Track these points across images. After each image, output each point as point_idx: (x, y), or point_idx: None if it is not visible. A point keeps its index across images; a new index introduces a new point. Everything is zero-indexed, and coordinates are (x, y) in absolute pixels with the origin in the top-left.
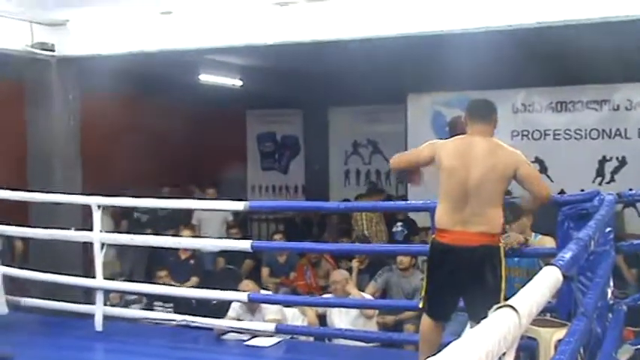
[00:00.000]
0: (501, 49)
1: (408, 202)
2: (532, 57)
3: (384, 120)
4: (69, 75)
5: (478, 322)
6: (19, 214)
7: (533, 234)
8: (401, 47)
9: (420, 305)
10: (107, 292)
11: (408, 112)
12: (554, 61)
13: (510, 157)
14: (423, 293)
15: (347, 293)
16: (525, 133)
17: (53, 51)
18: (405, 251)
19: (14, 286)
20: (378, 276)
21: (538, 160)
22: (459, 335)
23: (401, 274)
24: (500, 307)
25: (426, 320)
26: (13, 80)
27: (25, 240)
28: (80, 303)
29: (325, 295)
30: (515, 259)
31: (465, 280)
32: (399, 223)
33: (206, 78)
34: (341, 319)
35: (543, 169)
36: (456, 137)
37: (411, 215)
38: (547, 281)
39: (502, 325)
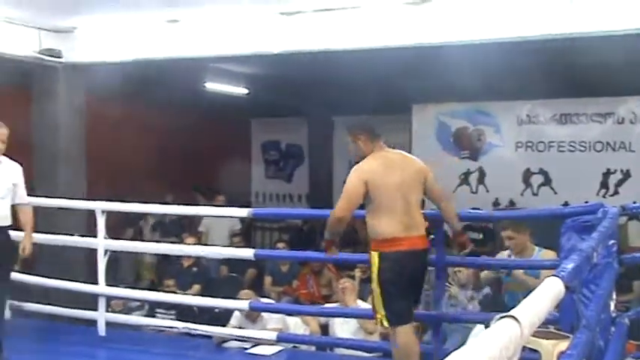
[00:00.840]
0: (507, 61)
1: None
2: (537, 69)
3: (389, 130)
4: (75, 81)
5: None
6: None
7: (537, 248)
8: (406, 57)
9: (385, 324)
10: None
11: (412, 122)
12: (559, 73)
13: (420, 163)
14: (383, 311)
15: (346, 304)
16: (530, 144)
17: (60, 57)
18: None
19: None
20: None
21: (542, 172)
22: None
23: None
24: (502, 317)
25: (403, 331)
26: (21, 85)
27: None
28: (82, 309)
29: (327, 305)
30: None
31: (419, 280)
32: None
33: (212, 86)
34: (343, 329)
35: (547, 181)
36: (370, 157)
37: None
38: (549, 292)
39: (504, 334)
